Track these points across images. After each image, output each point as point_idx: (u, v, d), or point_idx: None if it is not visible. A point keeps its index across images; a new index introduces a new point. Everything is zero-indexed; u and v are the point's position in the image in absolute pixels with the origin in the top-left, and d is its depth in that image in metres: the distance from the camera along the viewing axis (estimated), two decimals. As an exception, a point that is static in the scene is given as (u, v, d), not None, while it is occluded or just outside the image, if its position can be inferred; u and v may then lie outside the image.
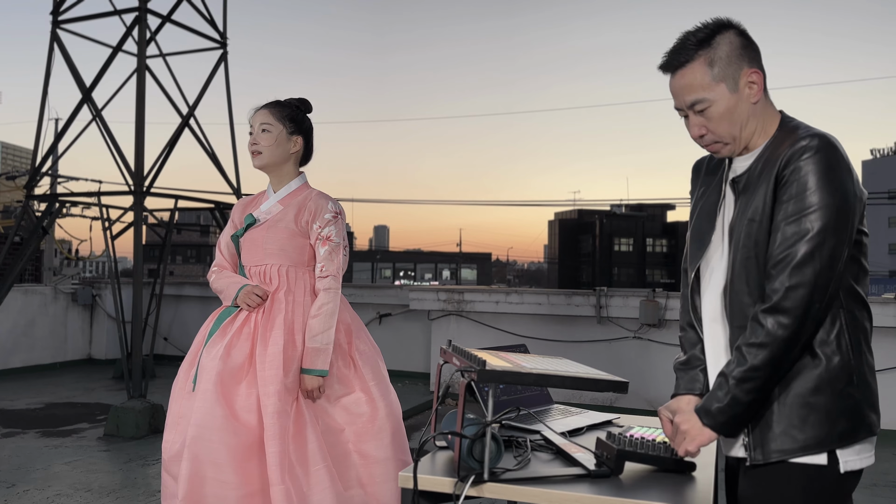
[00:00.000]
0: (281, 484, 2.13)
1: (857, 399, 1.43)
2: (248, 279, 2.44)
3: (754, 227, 1.48)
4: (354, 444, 2.35)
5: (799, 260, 1.39)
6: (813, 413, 1.42)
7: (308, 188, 2.51)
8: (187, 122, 6.90)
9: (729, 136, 1.53)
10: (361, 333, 2.50)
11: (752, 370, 1.42)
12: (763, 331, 1.41)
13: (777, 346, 1.40)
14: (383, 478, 2.35)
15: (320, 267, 2.40)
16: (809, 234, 1.39)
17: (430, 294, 7.12)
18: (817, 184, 1.40)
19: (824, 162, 1.41)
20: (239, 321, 2.36)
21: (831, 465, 1.43)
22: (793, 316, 1.39)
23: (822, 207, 1.40)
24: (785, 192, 1.43)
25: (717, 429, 1.47)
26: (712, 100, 1.51)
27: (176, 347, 8.73)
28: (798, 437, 1.43)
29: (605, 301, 6.46)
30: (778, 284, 1.41)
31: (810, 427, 1.42)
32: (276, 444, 2.16)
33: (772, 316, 1.40)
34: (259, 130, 2.44)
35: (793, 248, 1.40)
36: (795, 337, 1.40)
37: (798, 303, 1.39)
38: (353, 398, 2.39)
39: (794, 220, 1.41)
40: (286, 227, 2.41)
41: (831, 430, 1.42)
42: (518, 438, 1.77)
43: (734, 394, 1.43)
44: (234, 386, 2.25)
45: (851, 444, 1.43)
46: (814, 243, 1.39)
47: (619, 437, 1.59)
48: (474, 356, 1.48)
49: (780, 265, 1.41)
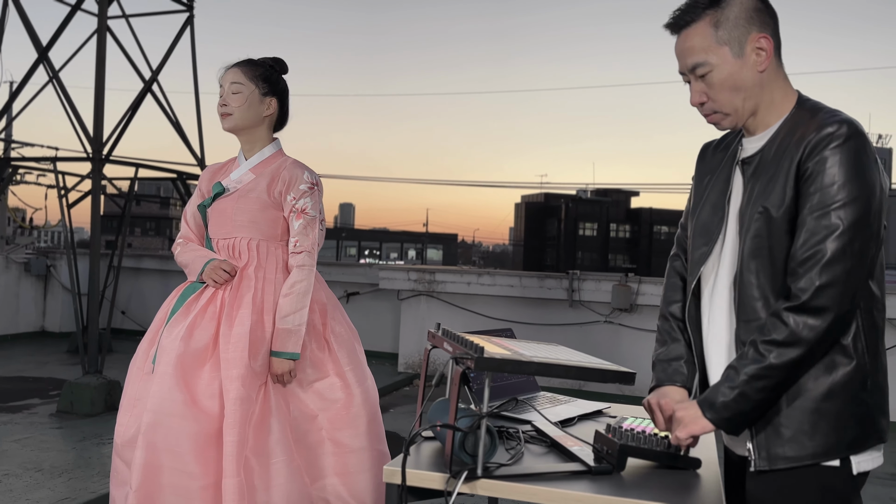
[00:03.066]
0: (235, 476, 1.98)
1: (870, 405, 1.36)
2: (215, 253, 2.27)
3: (771, 218, 1.38)
4: (328, 431, 2.21)
5: (830, 257, 1.29)
6: (823, 420, 1.34)
7: (282, 156, 2.34)
8: (150, 88, 6.59)
9: (730, 105, 1.43)
10: (337, 314, 2.35)
11: (769, 369, 1.32)
12: (786, 329, 1.31)
13: (801, 348, 1.31)
14: (358, 468, 2.22)
15: (294, 242, 2.24)
16: (839, 229, 1.29)
17: (401, 273, 6.98)
18: (846, 176, 1.31)
19: (853, 152, 1.32)
20: (204, 299, 2.19)
21: (844, 466, 1.36)
22: (822, 317, 1.30)
23: (852, 201, 1.30)
24: (810, 183, 1.33)
25: (720, 424, 1.38)
26: (714, 64, 1.40)
27: (134, 322, 8.45)
28: (807, 444, 1.35)
29: (577, 285, 6.40)
30: (805, 283, 1.31)
31: (820, 434, 1.34)
32: (235, 432, 2.00)
33: (798, 315, 1.31)
34: (229, 90, 2.25)
35: (822, 244, 1.30)
36: (822, 339, 1.31)
37: (829, 303, 1.29)
38: (327, 383, 2.24)
39: (821, 215, 1.31)
40: (258, 197, 2.24)
41: (841, 438, 1.34)
42: (509, 429, 1.66)
43: (743, 390, 1.34)
44: (195, 369, 2.08)
45: (861, 451, 1.36)
46: (844, 240, 1.29)
47: (620, 431, 1.48)
48: (470, 342, 1.36)
49: (808, 262, 1.31)
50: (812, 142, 1.34)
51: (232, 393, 2.03)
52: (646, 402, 1.55)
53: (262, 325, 2.15)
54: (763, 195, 1.40)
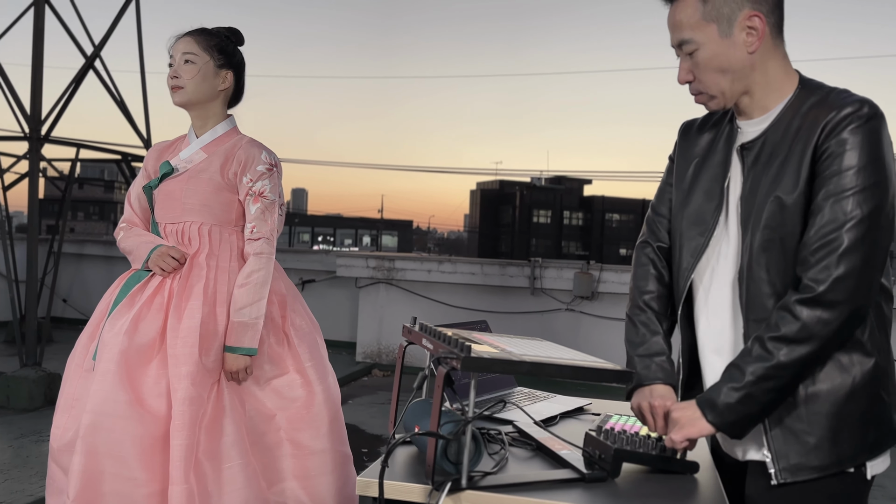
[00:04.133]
0: (183, 483, 1.80)
1: (888, 403, 1.28)
2: (162, 239, 2.08)
3: (784, 206, 1.27)
4: (287, 432, 2.04)
5: (847, 246, 1.19)
6: (846, 424, 1.26)
7: (237, 134, 2.15)
8: (92, 64, 6.22)
9: (715, 87, 1.33)
10: (297, 306, 2.18)
11: (778, 368, 1.22)
12: (798, 324, 1.21)
13: (813, 344, 1.21)
14: (319, 471, 2.06)
15: (251, 228, 2.06)
16: (858, 217, 1.20)
17: (359, 261, 6.80)
18: (867, 158, 1.21)
19: (875, 134, 1.22)
20: (150, 289, 2.00)
21: (858, 471, 1.28)
22: (838, 310, 1.20)
23: (872, 187, 1.21)
24: (828, 165, 1.23)
25: (723, 427, 1.28)
26: (699, 42, 1.31)
27: (76, 310, 8.06)
28: (832, 451, 1.26)
29: (539, 272, 6.33)
30: (820, 274, 1.20)
31: (845, 440, 1.26)
32: (182, 435, 1.83)
33: (811, 308, 1.21)
34: (181, 61, 2.05)
35: (837, 232, 1.20)
36: (837, 335, 1.22)
37: (845, 296, 1.19)
38: (286, 380, 2.08)
39: (838, 200, 1.21)
40: (210, 178, 2.05)
41: (864, 442, 1.26)
42: (490, 431, 1.53)
43: (750, 391, 1.24)
44: (141, 366, 1.90)
45: (880, 454, 1.28)
46: (863, 228, 1.20)
47: (613, 434, 1.37)
48: (455, 340, 1.22)
49: (823, 251, 1.21)
50: (831, 122, 1.24)
51: (180, 392, 1.85)
52: (636, 406, 1.44)
53: (215, 318, 1.98)
54: (774, 183, 1.29)
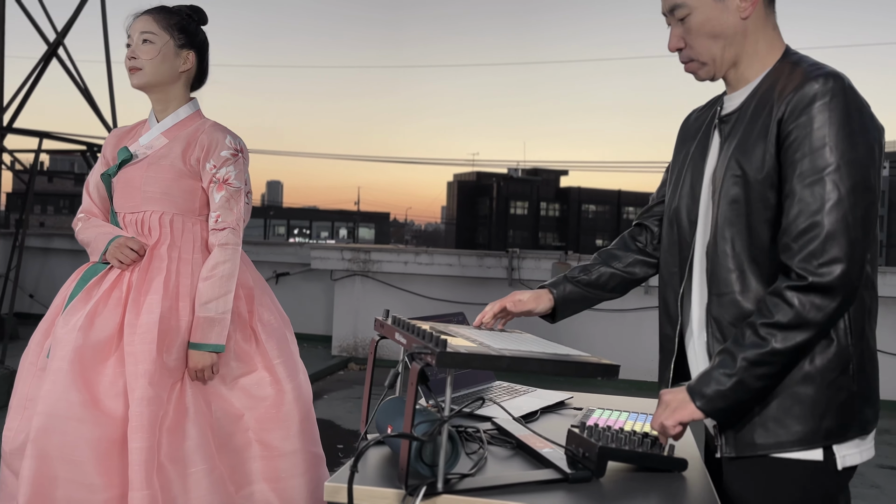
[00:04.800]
0: (145, 489, 1.69)
1: (852, 392, 1.22)
2: (121, 230, 1.97)
3: (749, 183, 1.23)
4: (256, 432, 1.94)
5: (830, 230, 1.15)
6: (797, 406, 1.21)
7: (200, 118, 2.04)
8: (55, 51, 6.03)
9: (707, 54, 1.30)
10: (266, 300, 2.08)
11: (772, 354, 1.17)
12: (791, 311, 1.16)
13: (808, 331, 1.16)
14: (290, 473, 1.96)
15: (215, 217, 1.95)
16: (835, 197, 1.15)
17: (334, 253, 6.68)
18: (839, 135, 1.16)
19: (843, 108, 1.17)
20: (107, 282, 1.88)
21: (828, 460, 1.22)
22: (831, 296, 1.15)
23: (847, 164, 1.15)
24: (796, 149, 1.18)
25: (713, 413, 1.23)
26: (692, 6, 1.27)
27: (43, 306, 7.82)
28: (777, 431, 1.22)
29: (517, 263, 6.27)
30: (806, 262, 1.16)
31: (793, 421, 1.21)
32: (141, 437, 1.72)
33: (804, 295, 1.16)
34: (139, 41, 1.94)
35: (817, 216, 1.15)
36: (830, 320, 1.17)
37: (837, 281, 1.14)
38: (255, 378, 1.97)
39: (813, 182, 1.16)
40: (171, 165, 1.93)
41: (816, 427, 1.21)
42: (468, 429, 1.46)
43: (742, 378, 1.19)
44: (97, 365, 1.78)
45: (840, 441, 1.22)
46: (843, 208, 1.15)
47: (597, 431, 1.30)
48: (429, 334, 1.14)
49: (804, 238, 1.16)
50: (794, 100, 1.19)
51: (137, 392, 1.74)
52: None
53: (177, 314, 1.87)
54: (741, 155, 1.25)
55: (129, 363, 1.77)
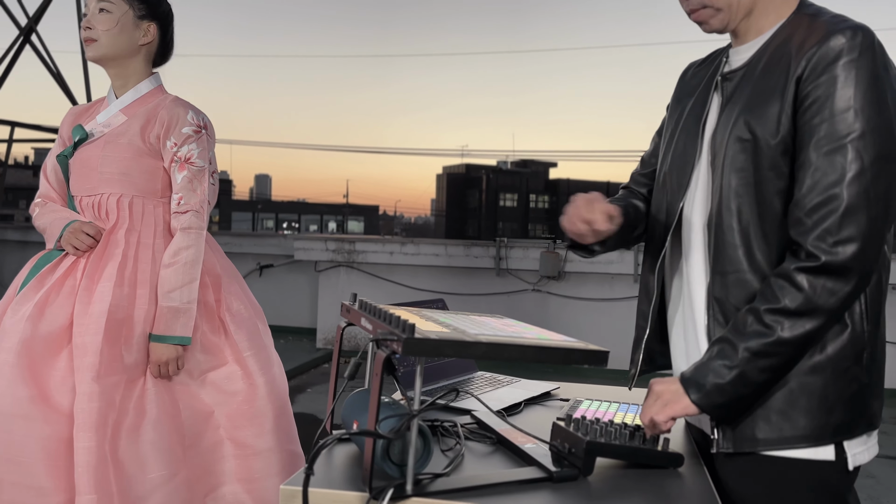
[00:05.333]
0: (91, 493, 1.57)
1: (862, 384, 1.11)
2: (78, 214, 1.83)
3: (760, 149, 1.10)
4: (227, 430, 1.82)
5: (849, 204, 1.03)
6: (805, 397, 1.09)
7: (162, 93, 1.90)
8: (28, 38, 5.84)
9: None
10: (235, 287, 1.94)
11: (779, 344, 1.06)
12: (801, 296, 1.04)
13: (819, 318, 1.05)
14: (264, 472, 1.84)
15: (177, 199, 1.82)
16: (858, 168, 1.03)
17: (318, 243, 6.55)
18: (865, 97, 1.03)
19: (871, 67, 1.04)
20: (61, 270, 1.75)
21: (839, 459, 1.11)
22: (845, 279, 1.03)
23: (873, 130, 1.03)
24: (815, 112, 1.05)
25: (709, 409, 1.12)
26: None
27: None
28: (781, 425, 1.10)
29: (504, 252, 6.16)
30: (820, 239, 1.04)
31: (799, 414, 1.10)
32: (88, 437, 1.59)
33: (815, 277, 1.04)
34: (95, 10, 1.80)
35: (836, 188, 1.03)
36: (844, 305, 1.06)
37: (852, 261, 1.03)
38: (225, 372, 1.84)
39: (833, 150, 1.04)
40: (129, 143, 1.80)
41: (824, 421, 1.09)
42: (444, 423, 1.34)
43: (744, 370, 1.07)
44: (48, 358, 1.65)
45: (849, 437, 1.11)
46: (866, 181, 1.02)
47: (584, 424, 1.18)
48: (396, 318, 1.01)
49: (821, 212, 1.04)
50: (816, 56, 1.06)
51: (83, 386, 1.61)
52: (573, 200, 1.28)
53: (134, 302, 1.73)
54: (750, 116, 1.12)
55: (76, 356, 1.64)
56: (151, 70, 1.92)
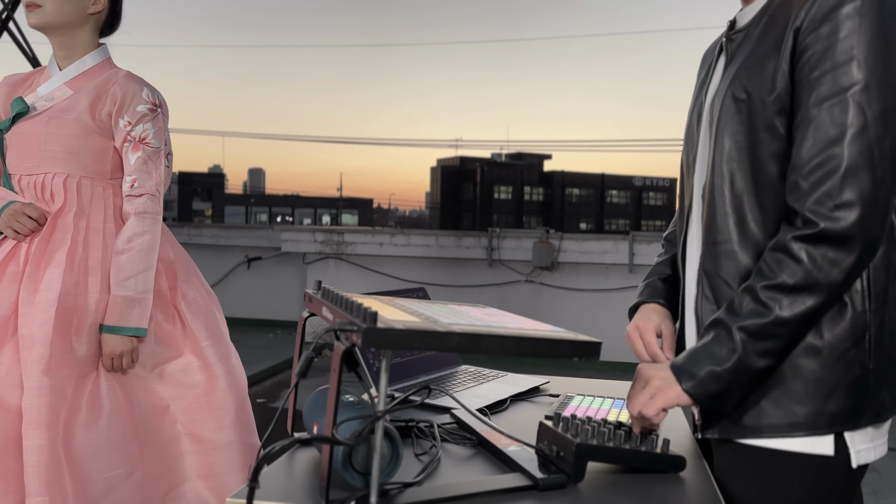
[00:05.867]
0: (43, 494, 1.45)
1: (866, 369, 0.99)
2: (17, 194, 1.69)
3: (754, 108, 1.00)
4: (184, 424, 1.70)
5: (850, 164, 0.92)
6: (798, 381, 0.98)
7: (111, 67, 1.77)
8: (5, 24, 5.67)
9: None
10: (191, 276, 1.82)
11: (777, 324, 0.94)
12: (800, 269, 0.93)
13: (820, 294, 0.94)
14: (227, 468, 1.73)
15: (130, 182, 1.69)
16: (860, 124, 0.92)
17: (306, 235, 6.41)
18: (869, 47, 0.93)
19: (876, 15, 0.94)
20: (0, 255, 1.62)
21: (839, 455, 0.99)
22: (848, 248, 0.92)
23: (878, 83, 0.92)
24: (816, 62, 0.95)
25: (704, 400, 1.00)
26: None
27: None
28: (771, 412, 0.99)
29: (496, 243, 6.03)
30: (819, 204, 0.93)
31: (791, 400, 0.99)
32: (38, 434, 1.47)
33: (814, 247, 0.93)
34: None
35: (836, 147, 0.92)
36: (848, 278, 0.94)
37: (855, 228, 0.92)
38: (181, 364, 1.73)
39: (834, 105, 0.93)
40: (76, 119, 1.66)
41: (819, 408, 0.98)
42: (419, 424, 1.21)
43: (742, 355, 0.96)
44: None
45: (849, 428, 0.99)
46: (870, 137, 0.92)
47: (574, 424, 1.05)
48: (358, 306, 0.88)
49: (819, 173, 0.93)
50: (815, 4, 0.96)
51: (32, 380, 1.48)
52: (627, 334, 1.23)
53: (85, 291, 1.61)
54: (745, 73, 1.02)
55: (23, 348, 1.52)
56: (99, 42, 1.78)
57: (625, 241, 5.80)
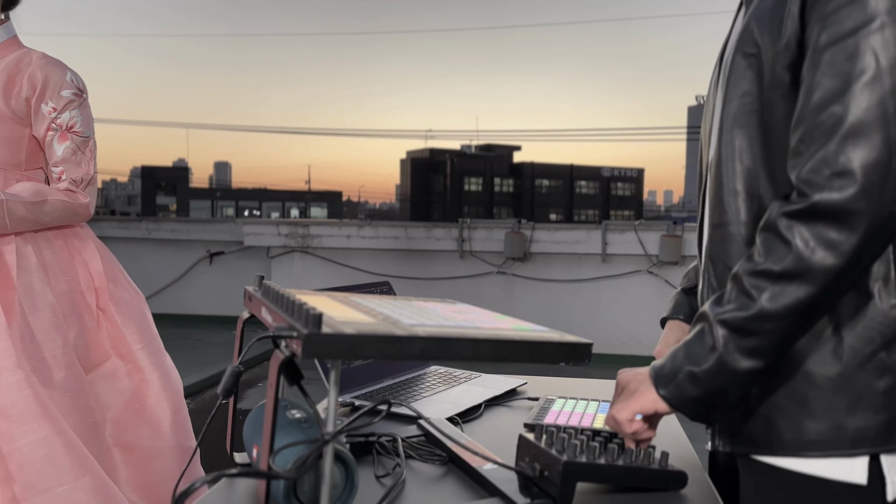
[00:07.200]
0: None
1: None
2: None
3: (763, 65, 0.85)
4: (114, 436, 1.56)
5: (855, 121, 0.75)
6: (812, 392, 0.83)
7: (21, 47, 1.59)
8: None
9: None
10: (118, 275, 1.68)
11: (761, 318, 0.79)
12: (788, 252, 0.77)
13: (814, 282, 0.77)
14: (165, 476, 1.60)
15: (59, 172, 1.53)
16: (873, 71, 0.75)
17: (270, 228, 6.19)
18: None
19: None
20: None
21: (873, 485, 0.82)
22: (850, 226, 0.75)
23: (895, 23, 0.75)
24: (822, 4, 0.79)
25: (682, 406, 0.86)
26: None
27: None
28: (782, 426, 0.84)
29: (468, 234, 5.89)
30: (815, 171, 0.76)
31: (804, 415, 0.83)
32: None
33: (806, 225, 0.77)
34: None
35: (841, 99, 0.76)
36: (850, 266, 0.77)
37: (859, 201, 0.74)
38: (108, 369, 1.57)
39: (840, 50, 0.77)
40: None
41: (838, 424, 0.82)
42: (381, 438, 1.06)
43: (722, 354, 0.81)
44: None
45: (879, 449, 0.82)
46: (883, 88, 0.75)
47: (559, 437, 0.91)
48: (300, 305, 0.72)
49: (818, 132, 0.77)
50: None
51: (6, 376, 1.36)
52: None
53: (11, 289, 1.44)
54: (756, 23, 0.86)
55: None
56: (2, 17, 1.59)
57: (597, 231, 5.69)
